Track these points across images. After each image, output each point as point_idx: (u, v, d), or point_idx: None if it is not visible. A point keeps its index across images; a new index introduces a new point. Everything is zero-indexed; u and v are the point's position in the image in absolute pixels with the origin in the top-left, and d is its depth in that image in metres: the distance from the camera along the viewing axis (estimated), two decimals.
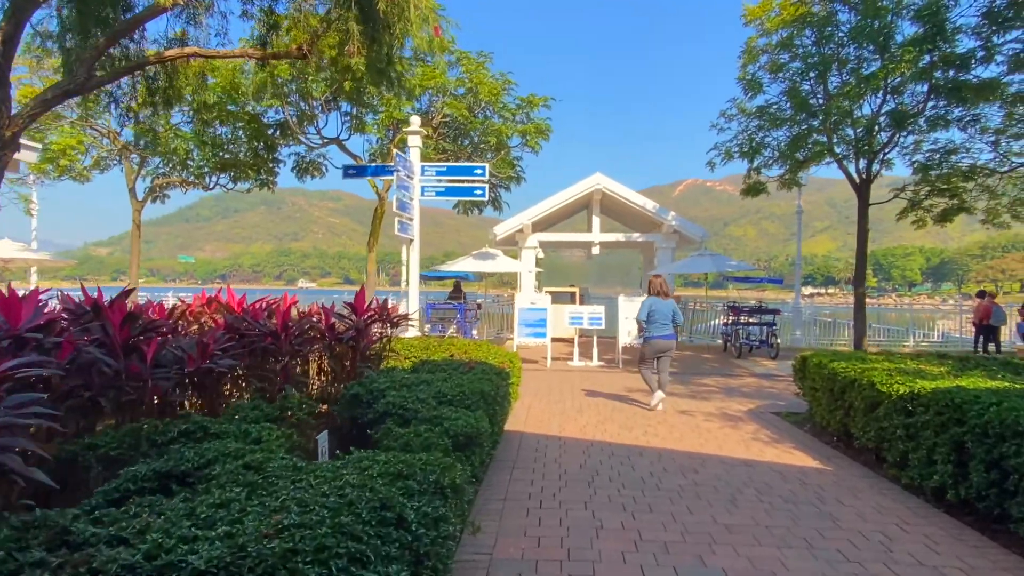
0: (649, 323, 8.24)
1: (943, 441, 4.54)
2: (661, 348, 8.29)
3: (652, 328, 8.23)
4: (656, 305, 8.23)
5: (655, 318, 8.21)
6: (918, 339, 18.26)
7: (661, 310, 8.22)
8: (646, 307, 8.24)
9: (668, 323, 8.25)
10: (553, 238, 19.23)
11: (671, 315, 8.28)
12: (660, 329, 8.23)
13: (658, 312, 8.21)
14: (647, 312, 8.22)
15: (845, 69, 13.49)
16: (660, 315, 8.20)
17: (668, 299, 8.39)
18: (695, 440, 6.75)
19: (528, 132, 14.37)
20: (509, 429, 7.08)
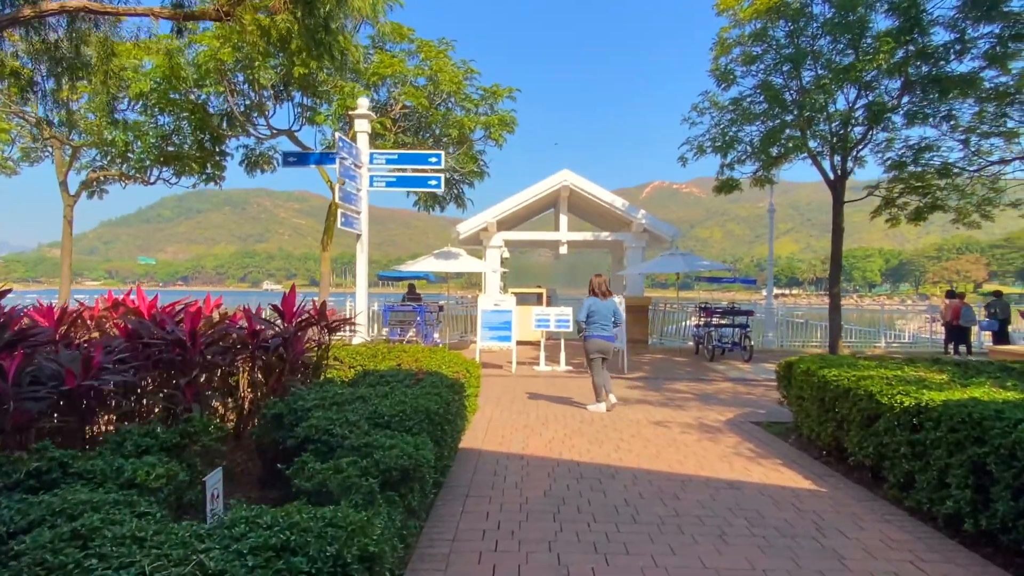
0: (589, 323, 8.24)
1: (959, 462, 3.92)
2: (601, 348, 8.26)
3: (592, 328, 8.23)
4: (596, 305, 8.23)
5: (595, 318, 8.23)
6: (889, 340, 18.04)
7: (601, 310, 8.24)
8: (586, 307, 8.24)
9: (608, 323, 8.27)
10: (519, 237, 18.51)
11: (611, 315, 8.30)
12: (600, 329, 8.22)
13: (598, 312, 8.22)
14: (587, 312, 8.23)
15: (819, 62, 13.07)
16: (600, 315, 8.23)
17: (609, 299, 8.39)
18: (673, 456, 6.07)
19: (492, 124, 13.61)
20: (466, 447, 6.32)
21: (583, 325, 8.28)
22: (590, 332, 8.25)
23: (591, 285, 8.46)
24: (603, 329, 8.24)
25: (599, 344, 8.25)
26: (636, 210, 17.24)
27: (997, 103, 12.95)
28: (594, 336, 8.24)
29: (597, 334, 8.23)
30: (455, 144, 14.90)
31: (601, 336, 8.24)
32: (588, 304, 8.28)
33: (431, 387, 5.02)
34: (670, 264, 14.98)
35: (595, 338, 8.24)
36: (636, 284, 17.50)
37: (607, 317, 8.28)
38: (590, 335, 8.26)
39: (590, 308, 8.27)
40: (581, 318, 8.28)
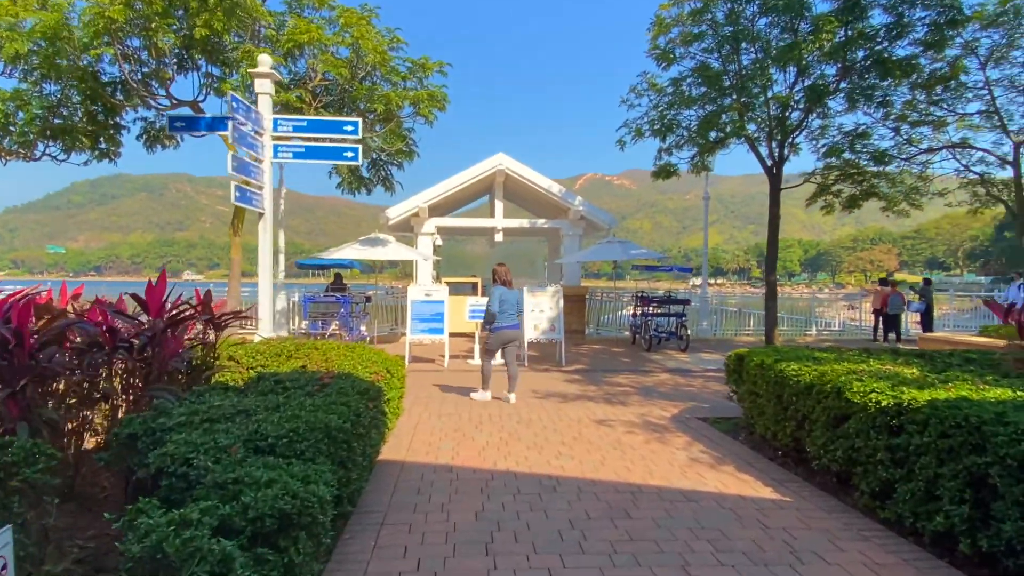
0: (499, 313, 8.03)
1: (953, 473, 3.41)
2: (509, 338, 8.12)
3: (501, 318, 8.04)
4: (505, 295, 8.09)
5: (504, 308, 8.05)
6: (820, 328, 18.25)
7: (510, 300, 8.12)
8: (496, 296, 8.04)
9: (515, 313, 8.17)
10: (453, 223, 17.64)
11: (517, 304, 8.23)
12: (508, 319, 8.07)
13: (507, 302, 8.08)
14: (498, 302, 8.02)
15: (758, 44, 12.78)
16: (509, 305, 8.10)
17: (514, 289, 8.31)
18: (620, 463, 5.43)
19: (421, 100, 12.62)
20: (387, 459, 5.47)
21: (495, 315, 8.00)
22: (500, 323, 8.04)
23: (497, 274, 8.27)
24: (511, 318, 8.11)
25: (508, 335, 8.08)
26: (573, 197, 16.66)
27: (928, 91, 13.07)
28: (504, 327, 8.05)
29: (507, 324, 8.06)
30: (381, 121, 13.83)
31: (510, 326, 8.09)
32: (499, 293, 8.05)
33: (338, 394, 4.15)
34: (607, 252, 14.48)
35: (505, 328, 8.05)
36: (573, 273, 16.97)
37: (515, 306, 8.16)
38: (499, 326, 8.05)
39: (501, 297, 8.05)
40: (494, 308, 7.99)
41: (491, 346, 8.20)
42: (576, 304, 15.95)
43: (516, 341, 8.25)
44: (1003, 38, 12.21)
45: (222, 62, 13.15)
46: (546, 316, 11.95)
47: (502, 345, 8.15)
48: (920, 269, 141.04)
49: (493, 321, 8.03)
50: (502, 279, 8.20)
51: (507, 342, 8.14)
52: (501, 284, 8.17)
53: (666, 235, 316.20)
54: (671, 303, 14.47)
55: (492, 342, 8.17)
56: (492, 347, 8.19)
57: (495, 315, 7.99)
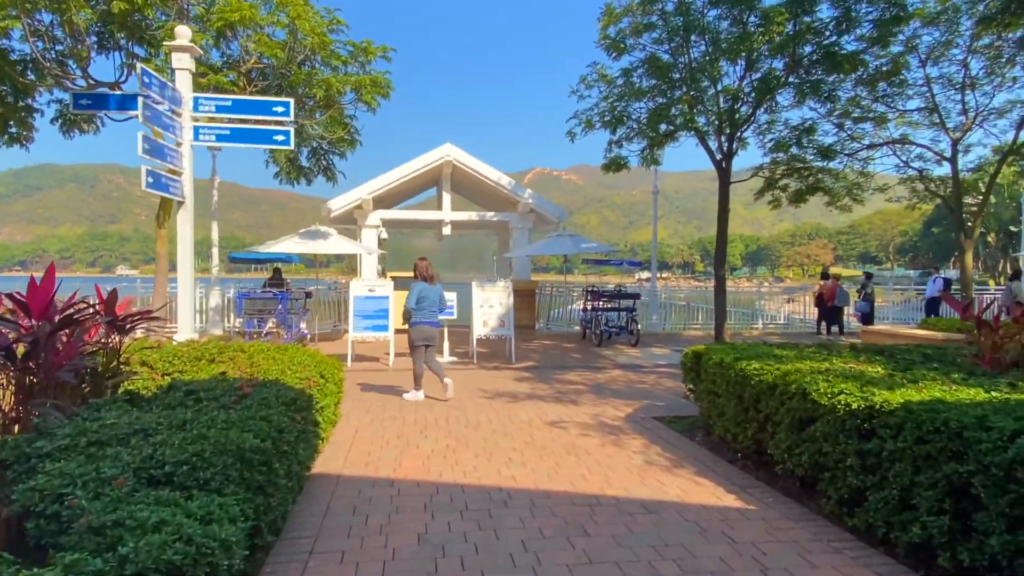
0: (418, 309, 7.85)
1: (931, 481, 3.18)
2: (428, 335, 7.94)
3: (419, 314, 7.87)
4: (425, 291, 7.90)
5: (424, 304, 7.89)
6: (766, 321, 18.48)
7: (430, 296, 7.94)
8: (415, 292, 7.84)
9: (436, 309, 8.01)
10: (398, 216, 17.02)
11: (439, 301, 8.05)
12: (428, 315, 7.92)
13: (427, 298, 7.91)
14: (416, 298, 7.83)
15: (707, 37, 12.68)
16: (429, 301, 7.93)
17: (436, 284, 8.10)
18: (575, 469, 5.09)
19: (363, 85, 11.98)
20: (321, 472, 4.98)
21: (412, 312, 7.79)
22: (418, 319, 7.85)
23: (417, 269, 8.09)
24: (430, 315, 7.93)
25: (426, 331, 7.92)
26: (523, 189, 16.31)
27: (871, 88, 13.26)
28: (422, 323, 7.87)
29: (425, 320, 7.89)
30: (321, 108, 13.12)
31: (428, 323, 7.92)
32: (418, 289, 7.85)
33: (259, 406, 3.65)
34: (558, 246, 14.19)
35: (423, 325, 7.88)
36: (523, 267, 16.64)
37: (435, 303, 7.98)
38: (417, 322, 7.86)
39: (420, 293, 7.86)
40: (411, 304, 7.79)
41: (413, 342, 7.94)
42: (526, 299, 15.63)
43: (434, 338, 8.06)
44: (942, 36, 12.44)
45: (146, 41, 12.20)
46: (496, 312, 11.56)
47: (423, 342, 7.93)
48: (854, 263, 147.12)
49: (410, 318, 7.82)
50: (422, 274, 8.02)
51: (427, 339, 7.94)
52: (421, 280, 7.97)
53: (613, 230, 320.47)
54: (621, 297, 14.30)
55: (413, 338, 7.92)
56: (415, 343, 7.93)
57: (412, 311, 7.79)
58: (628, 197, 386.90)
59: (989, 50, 12.29)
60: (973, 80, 12.81)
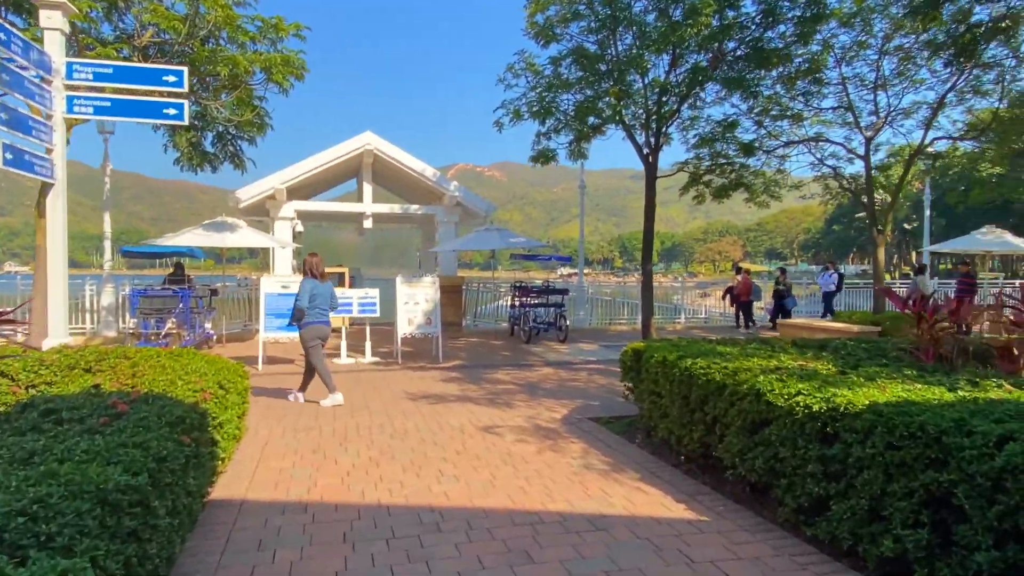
0: (311, 307, 7.39)
1: (905, 490, 2.94)
2: (323, 334, 7.56)
3: (312, 313, 7.41)
4: (317, 288, 7.48)
5: (317, 302, 7.45)
6: (688, 316, 18.74)
7: (323, 293, 7.53)
8: (307, 290, 7.36)
9: (327, 308, 7.61)
10: (315, 207, 16.02)
11: (330, 299, 7.67)
12: (321, 314, 7.51)
13: (320, 296, 7.48)
14: (309, 296, 7.35)
15: (634, 29, 12.55)
16: (321, 298, 7.51)
17: (326, 281, 7.71)
18: (514, 481, 4.64)
19: (273, 64, 11.05)
20: (221, 498, 4.31)
21: (305, 311, 7.31)
22: (311, 318, 7.40)
23: (307, 265, 7.64)
24: (323, 314, 7.54)
25: (321, 330, 7.52)
26: (448, 182, 15.73)
27: (789, 86, 13.55)
28: (316, 322, 7.45)
29: (318, 319, 7.48)
30: (227, 88, 12.05)
31: (322, 322, 7.51)
32: (310, 287, 7.40)
33: (136, 429, 2.98)
34: (486, 240, 13.73)
35: (317, 324, 7.46)
36: (449, 262, 16.07)
37: (327, 301, 7.59)
38: (311, 321, 7.40)
39: (312, 291, 7.41)
40: (303, 303, 7.31)
41: (308, 342, 7.46)
42: (453, 295, 15.08)
43: (326, 339, 7.66)
44: (857, 36, 12.83)
45: (25, 11, 10.81)
46: (421, 309, 10.98)
47: (319, 340, 7.50)
48: (761, 259, 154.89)
49: (302, 317, 7.34)
50: (313, 270, 7.55)
51: (321, 338, 7.53)
52: (312, 276, 7.52)
53: (535, 226, 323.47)
54: (550, 293, 14.02)
55: (308, 338, 7.43)
56: (311, 343, 7.47)
57: (304, 310, 7.30)
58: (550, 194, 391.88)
59: (899, 51, 12.77)
60: (885, 80, 13.31)
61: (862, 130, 13.64)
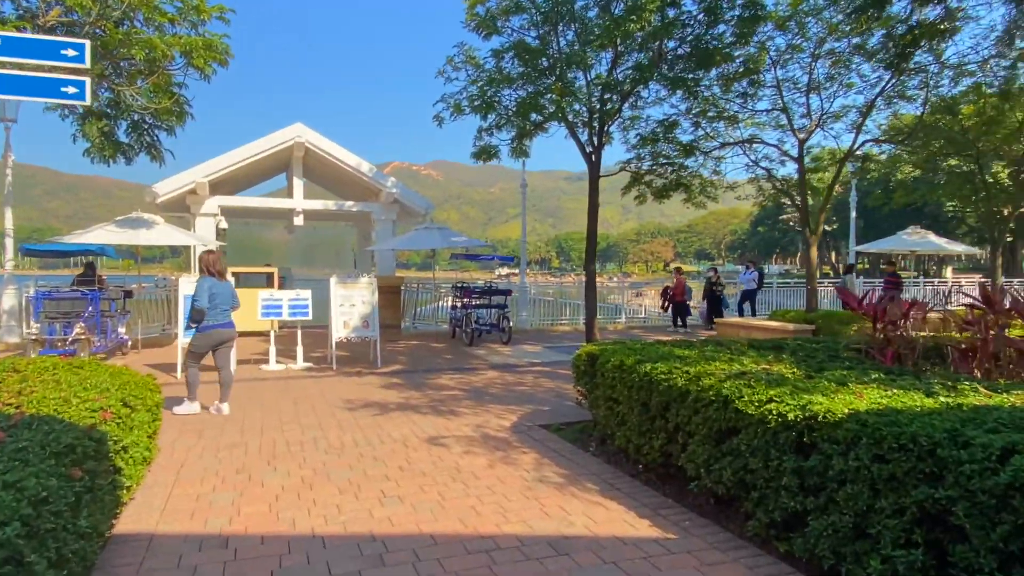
0: (210, 308, 6.83)
1: (895, 507, 2.73)
2: (222, 338, 6.99)
3: (212, 315, 6.85)
4: (217, 288, 6.91)
5: (217, 302, 6.88)
6: (629, 316, 18.79)
7: (223, 293, 6.97)
8: (205, 290, 6.78)
9: (228, 308, 7.07)
10: (241, 203, 15.09)
11: (231, 299, 7.13)
12: (222, 316, 6.96)
13: (220, 296, 6.93)
14: (208, 296, 6.78)
15: (575, 26, 12.35)
16: (222, 299, 6.95)
17: (227, 280, 7.22)
18: (464, 500, 4.25)
19: (194, 48, 10.22)
20: (127, 532, 3.73)
21: (205, 311, 6.76)
22: (212, 320, 6.85)
23: (204, 262, 7.05)
24: (225, 315, 6.99)
25: (223, 335, 6.94)
26: (385, 178, 15.14)
27: (726, 87, 13.68)
28: (217, 326, 6.89)
29: (220, 322, 6.92)
30: (143, 74, 11.10)
31: (223, 324, 6.96)
32: (208, 286, 6.81)
33: (10, 463, 2.43)
34: (426, 239, 13.25)
35: (217, 328, 6.89)
36: (387, 261, 15.48)
37: (228, 301, 7.05)
38: (211, 324, 6.85)
39: (212, 291, 6.82)
40: (203, 303, 6.75)
41: (199, 348, 6.90)
42: (391, 296, 14.51)
43: (230, 342, 7.15)
44: (792, 39, 13.05)
45: None
46: (358, 311, 10.40)
47: (214, 347, 6.96)
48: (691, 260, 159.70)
49: (201, 319, 6.77)
50: (211, 268, 6.98)
51: (220, 343, 6.98)
52: (210, 275, 6.96)
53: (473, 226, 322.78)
54: (493, 294, 13.67)
55: (200, 344, 6.89)
56: (200, 349, 6.91)
57: (204, 311, 6.74)
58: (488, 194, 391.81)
59: (832, 55, 13.07)
60: (818, 84, 13.61)
61: (795, 132, 13.91)
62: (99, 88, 12.19)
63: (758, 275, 17.33)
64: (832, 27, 12.18)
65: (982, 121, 14.39)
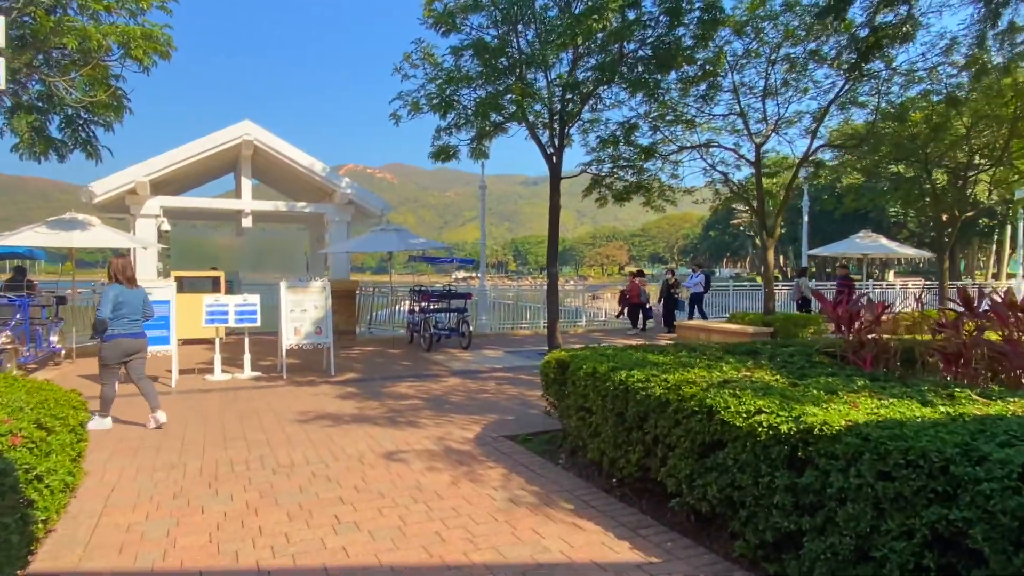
0: (116, 319, 6.43)
1: (903, 527, 2.52)
2: (131, 349, 6.59)
3: (119, 324, 6.44)
4: (125, 295, 6.52)
5: (124, 311, 6.49)
6: (588, 319, 18.67)
7: (131, 301, 6.56)
8: (110, 299, 6.38)
9: (139, 317, 6.68)
10: (185, 204, 14.30)
11: (142, 307, 6.71)
12: (130, 325, 6.54)
13: (128, 304, 6.52)
14: (112, 304, 6.38)
15: (534, 26, 12.14)
16: (130, 307, 6.55)
17: (138, 287, 6.76)
18: (428, 525, 3.90)
19: (132, 38, 9.57)
20: (43, 570, 3.26)
21: (107, 322, 6.34)
22: (117, 329, 6.43)
23: (112, 268, 6.64)
24: (134, 325, 6.57)
25: (130, 345, 6.54)
26: (340, 178, 14.59)
27: (684, 90, 13.69)
28: (123, 335, 6.47)
29: (127, 332, 6.49)
30: (77, 66, 10.34)
31: (131, 335, 6.54)
32: (114, 294, 6.40)
33: None
34: (383, 241, 12.78)
35: (122, 338, 6.47)
36: (341, 265, 14.91)
37: (138, 310, 6.63)
38: (117, 334, 6.43)
39: (117, 299, 6.41)
40: (105, 313, 6.33)
41: (107, 360, 6.49)
42: (345, 301, 13.97)
43: (142, 353, 6.74)
44: (748, 44, 13.12)
45: None
46: (310, 317, 9.89)
47: (123, 358, 6.55)
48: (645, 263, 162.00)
49: (104, 329, 6.38)
50: (119, 275, 6.57)
51: (130, 354, 6.57)
52: (118, 282, 6.55)
53: (429, 229, 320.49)
54: (452, 297, 13.30)
55: (108, 355, 6.46)
56: (110, 361, 6.49)
57: (104, 322, 6.33)
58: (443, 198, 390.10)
59: (788, 60, 13.19)
60: (775, 89, 13.73)
61: (752, 137, 14.01)
62: (29, 80, 11.35)
63: (705, 278, 17.47)
64: (789, 32, 12.28)
65: (929, 127, 14.78)
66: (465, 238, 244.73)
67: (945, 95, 13.86)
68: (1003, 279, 36.62)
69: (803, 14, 11.71)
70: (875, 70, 12.70)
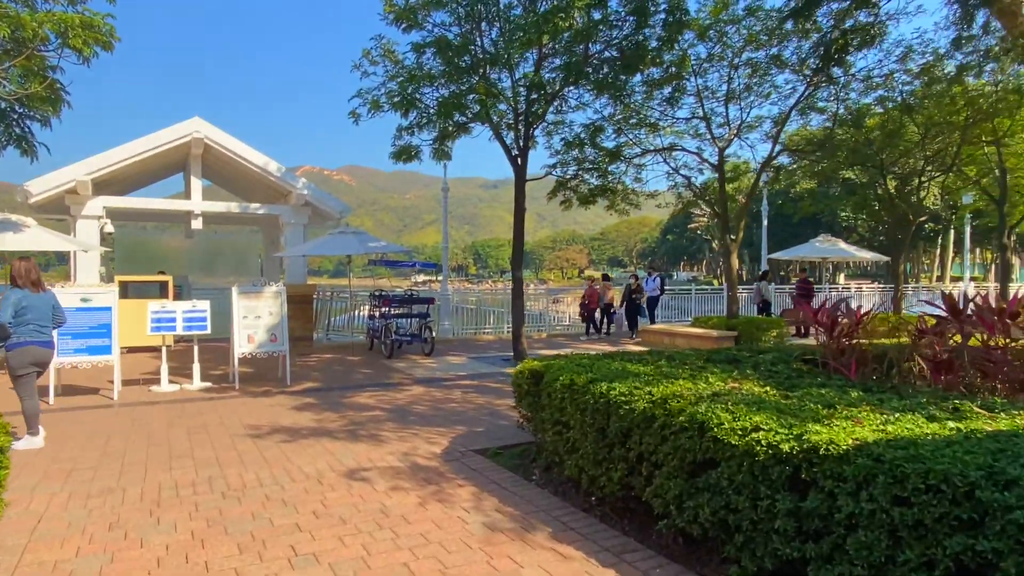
0: (19, 325, 5.91)
1: (923, 559, 2.31)
2: (40, 359, 6.14)
3: (24, 331, 5.95)
4: (30, 300, 6.04)
5: (29, 317, 6.00)
6: (552, 323, 18.48)
7: (37, 307, 6.09)
8: (11, 303, 5.88)
9: (48, 325, 6.21)
10: (130, 204, 13.52)
11: (51, 313, 6.26)
12: (37, 333, 6.07)
13: (33, 308, 6.04)
14: (14, 309, 5.88)
15: (498, 25, 11.89)
16: (36, 313, 6.07)
17: (46, 291, 6.31)
18: (394, 555, 3.56)
19: (70, 26, 8.91)
20: None
21: (7, 328, 5.80)
22: (21, 337, 5.94)
23: (13, 271, 6.14)
24: (40, 333, 6.08)
25: (36, 353, 6.06)
26: (296, 178, 14.03)
27: (648, 94, 13.64)
28: (28, 343, 5.98)
29: (33, 340, 6.01)
30: (9, 56, 9.61)
31: (38, 343, 6.05)
32: (17, 299, 5.93)
33: None
34: (342, 244, 12.31)
35: (29, 345, 5.99)
36: (297, 269, 14.34)
37: (46, 316, 6.17)
38: (21, 342, 5.94)
39: (21, 304, 5.94)
40: (6, 318, 5.80)
41: (16, 370, 5.98)
42: (302, 306, 13.43)
43: (45, 365, 6.29)
44: (711, 48, 13.14)
45: None
46: (264, 323, 9.39)
47: (33, 369, 6.09)
48: (604, 266, 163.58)
49: (7, 337, 5.82)
50: (23, 278, 6.09)
51: (38, 363, 6.12)
52: (22, 286, 6.06)
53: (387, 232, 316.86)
54: (414, 302, 12.91)
55: (16, 365, 5.96)
56: (21, 371, 5.99)
57: (7, 327, 5.79)
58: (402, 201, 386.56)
59: (750, 65, 13.26)
60: (737, 94, 13.79)
61: (715, 140, 14.05)
62: None
63: (659, 281, 17.53)
64: (751, 36, 12.32)
65: (884, 134, 15.09)
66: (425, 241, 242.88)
67: (900, 102, 14.17)
68: (947, 282, 38.01)
69: (766, 19, 11.75)
70: (835, 76, 12.87)
